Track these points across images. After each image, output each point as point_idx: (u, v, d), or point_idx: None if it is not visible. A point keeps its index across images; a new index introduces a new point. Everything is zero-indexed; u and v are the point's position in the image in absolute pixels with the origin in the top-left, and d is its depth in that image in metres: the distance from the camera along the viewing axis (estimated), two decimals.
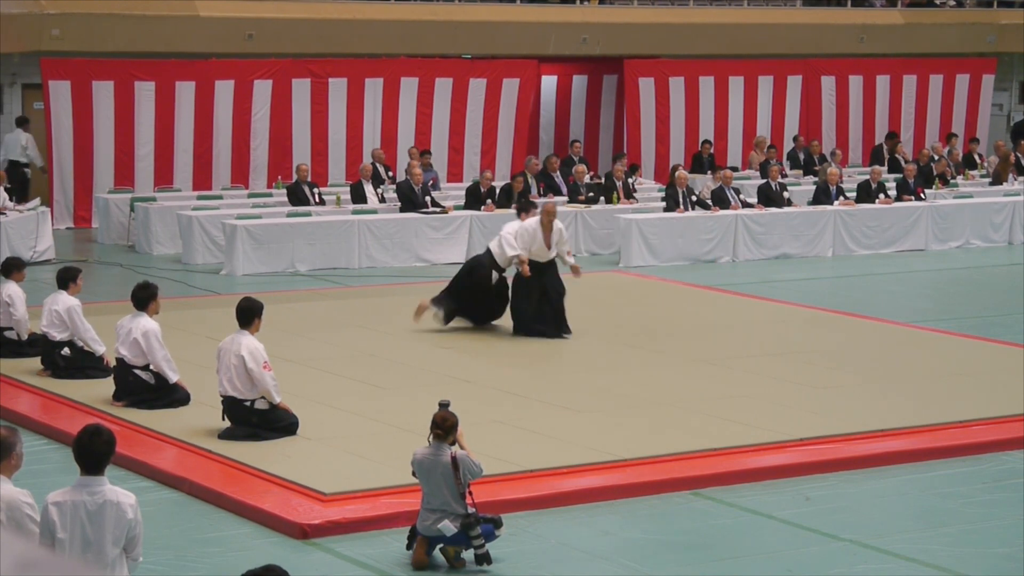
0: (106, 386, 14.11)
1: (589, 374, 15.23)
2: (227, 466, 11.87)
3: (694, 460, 12.24)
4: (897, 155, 29.28)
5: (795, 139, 30.07)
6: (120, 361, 13.60)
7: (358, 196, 23.78)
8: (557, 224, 17.09)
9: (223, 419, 12.57)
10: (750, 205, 24.03)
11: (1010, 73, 34.51)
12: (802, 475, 12.13)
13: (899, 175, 26.28)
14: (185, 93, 25.82)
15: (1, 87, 26.50)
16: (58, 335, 14.47)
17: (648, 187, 26.84)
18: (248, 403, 12.43)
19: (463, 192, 24.11)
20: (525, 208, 17.72)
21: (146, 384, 13.51)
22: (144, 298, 13.69)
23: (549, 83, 30.48)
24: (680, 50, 30.14)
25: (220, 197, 24.45)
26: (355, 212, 22.79)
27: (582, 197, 24.09)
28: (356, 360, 15.59)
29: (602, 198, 24.26)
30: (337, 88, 26.99)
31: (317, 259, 21.74)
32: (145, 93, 25.56)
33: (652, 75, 29.51)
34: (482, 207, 23.09)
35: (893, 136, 30.39)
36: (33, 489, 7.89)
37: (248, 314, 12.55)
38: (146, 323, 13.54)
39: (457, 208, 23.17)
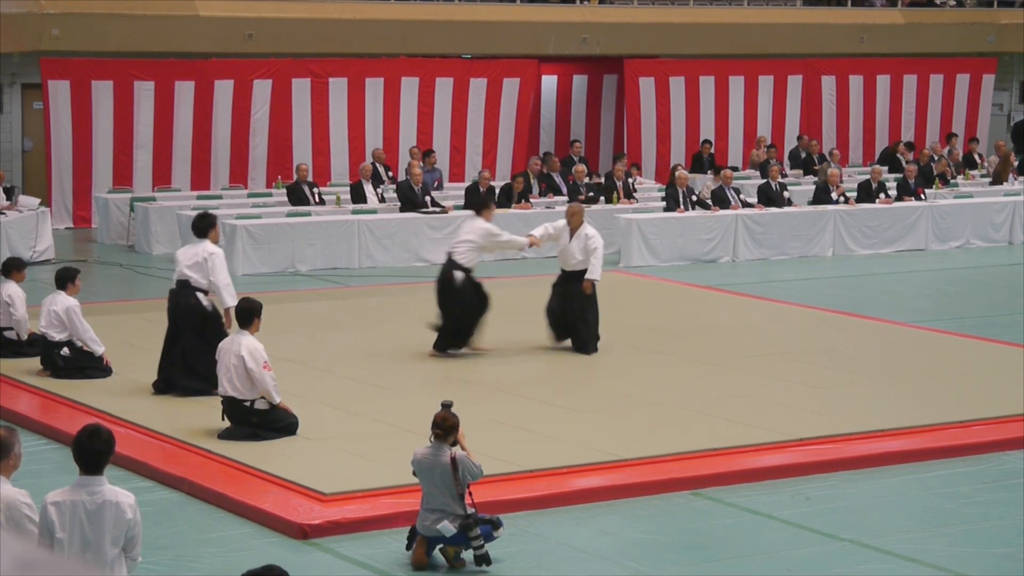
0: (106, 386, 14.13)
1: (589, 374, 15.22)
2: (227, 466, 11.86)
3: (694, 460, 12.23)
4: (898, 154, 29.27)
5: (799, 139, 30.05)
6: (182, 283, 13.81)
7: (358, 196, 23.78)
8: (585, 231, 16.17)
9: (223, 419, 12.56)
10: (750, 205, 24.03)
11: (1010, 73, 34.51)
12: (802, 475, 12.12)
13: (899, 175, 26.28)
14: (184, 93, 25.82)
15: (1, 87, 26.51)
16: (57, 335, 14.47)
17: (648, 187, 26.84)
18: (248, 403, 12.43)
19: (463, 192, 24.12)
20: (485, 205, 16.61)
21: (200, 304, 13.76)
22: (204, 227, 14.06)
23: (549, 83, 30.48)
24: (680, 50, 30.15)
25: (220, 197, 24.45)
26: (355, 212, 22.79)
27: (582, 197, 24.07)
28: (356, 360, 15.59)
29: (602, 198, 24.26)
30: (337, 88, 26.99)
31: (317, 259, 21.73)
32: (144, 93, 25.57)
33: (652, 75, 29.51)
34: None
35: (910, 146, 30.12)
36: (32, 489, 7.89)
37: (247, 314, 12.56)
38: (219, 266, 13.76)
39: (457, 208, 23.16)
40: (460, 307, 15.75)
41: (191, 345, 13.83)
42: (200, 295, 13.86)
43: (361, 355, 15.84)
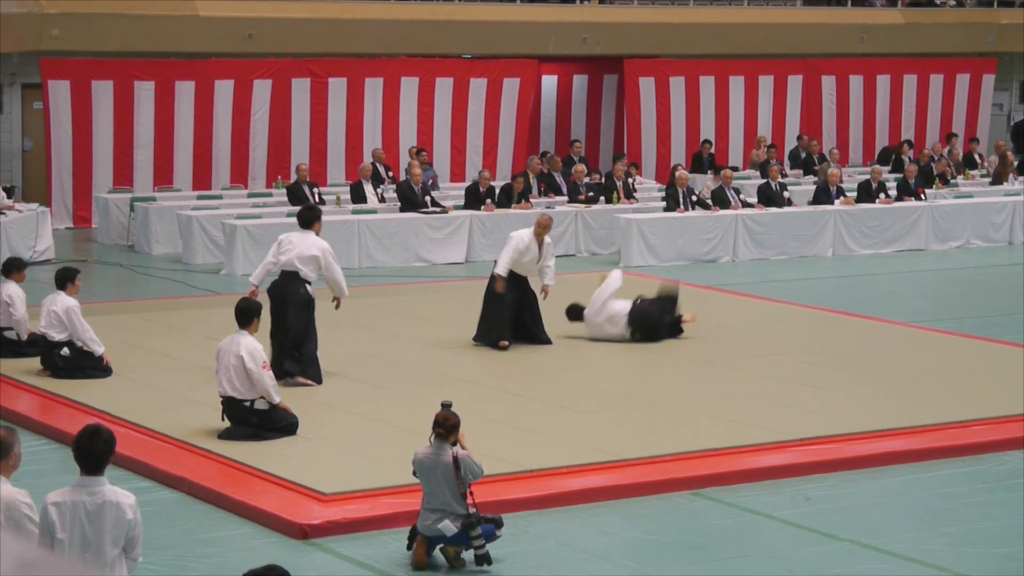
0: (105, 386, 14.13)
1: (589, 374, 15.22)
2: (227, 466, 11.86)
3: (694, 460, 12.23)
4: (903, 156, 29.22)
5: (799, 138, 30.06)
6: (292, 274, 14.34)
7: (358, 196, 23.77)
8: (547, 239, 16.44)
9: (223, 419, 12.57)
10: (750, 205, 24.02)
11: (1010, 73, 34.51)
12: (802, 475, 12.12)
13: (899, 175, 26.28)
14: (185, 93, 25.82)
15: (1, 87, 26.51)
16: (57, 335, 14.46)
17: (648, 187, 26.84)
18: (248, 403, 12.43)
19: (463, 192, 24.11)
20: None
21: (308, 295, 14.36)
22: (309, 218, 14.70)
23: (549, 83, 30.48)
24: (680, 50, 30.15)
25: (220, 197, 24.45)
26: (355, 212, 22.78)
27: (582, 197, 24.09)
28: (356, 360, 15.58)
29: (602, 198, 24.26)
30: (337, 88, 26.99)
31: None
32: (145, 93, 25.56)
33: (652, 75, 29.51)
34: (482, 207, 23.08)
35: (909, 144, 30.25)
36: (32, 489, 7.88)
37: (247, 314, 12.56)
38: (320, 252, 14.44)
39: (457, 208, 23.16)
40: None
41: (299, 332, 14.37)
42: (307, 286, 14.43)
43: (361, 355, 15.83)
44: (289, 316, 14.32)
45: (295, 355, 14.38)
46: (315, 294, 14.64)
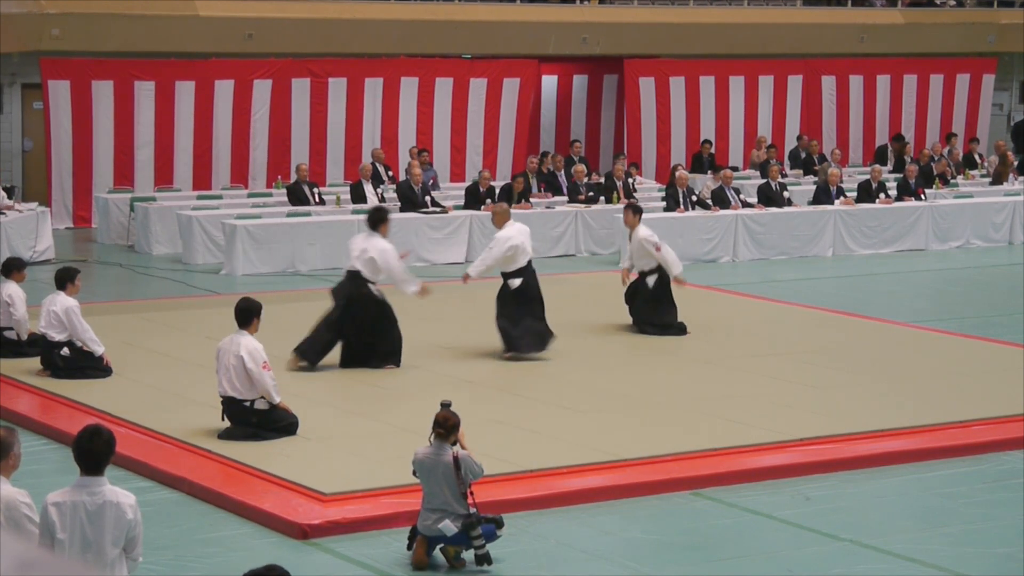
0: (105, 386, 14.13)
1: (589, 374, 15.22)
2: (227, 466, 11.87)
3: (694, 460, 12.23)
4: (906, 156, 29.22)
5: (799, 138, 30.06)
6: (354, 273, 14.93)
7: (358, 196, 23.76)
8: (502, 231, 16.04)
9: (223, 419, 12.57)
10: (750, 205, 24.02)
11: (1010, 73, 34.51)
12: (802, 475, 12.13)
13: (900, 175, 26.28)
14: (185, 93, 25.82)
15: (1, 87, 26.51)
16: (57, 336, 14.46)
17: (648, 187, 26.83)
18: (248, 403, 12.43)
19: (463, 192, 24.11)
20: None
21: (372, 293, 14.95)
22: (375, 220, 15.26)
23: (549, 83, 30.48)
24: (680, 50, 30.15)
25: (220, 197, 24.45)
26: (355, 212, 22.77)
27: (582, 197, 24.08)
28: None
29: (602, 198, 24.26)
30: (337, 88, 26.99)
31: (317, 259, 21.71)
32: (145, 93, 25.56)
33: (652, 75, 29.51)
34: (482, 207, 23.07)
35: (900, 139, 30.37)
36: (32, 489, 7.88)
37: (247, 314, 12.56)
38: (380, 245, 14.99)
39: (457, 208, 23.16)
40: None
41: (367, 328, 15.00)
42: (371, 285, 15.01)
43: None
44: (354, 314, 14.93)
45: (370, 350, 15.00)
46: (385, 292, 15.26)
